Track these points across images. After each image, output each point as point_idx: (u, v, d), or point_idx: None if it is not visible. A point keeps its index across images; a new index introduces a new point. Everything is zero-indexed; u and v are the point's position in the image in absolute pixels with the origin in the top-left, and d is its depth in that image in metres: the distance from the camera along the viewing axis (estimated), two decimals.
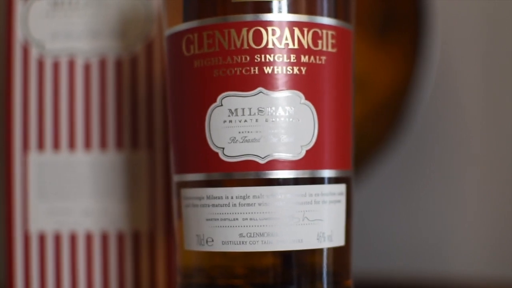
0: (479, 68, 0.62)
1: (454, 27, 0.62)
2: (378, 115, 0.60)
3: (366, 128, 0.59)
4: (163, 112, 0.42)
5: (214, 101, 0.34)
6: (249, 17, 0.34)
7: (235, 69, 0.34)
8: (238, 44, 0.34)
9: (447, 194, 0.62)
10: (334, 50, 0.35)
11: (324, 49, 0.35)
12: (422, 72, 0.57)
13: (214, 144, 0.34)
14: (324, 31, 0.35)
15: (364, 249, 0.60)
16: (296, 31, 0.34)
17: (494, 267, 0.60)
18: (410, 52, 0.59)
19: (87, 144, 0.42)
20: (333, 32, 0.35)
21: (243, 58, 0.34)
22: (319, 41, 0.35)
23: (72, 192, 0.42)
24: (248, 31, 0.34)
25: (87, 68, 0.42)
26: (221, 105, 0.34)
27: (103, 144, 0.42)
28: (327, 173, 0.35)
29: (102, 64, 0.42)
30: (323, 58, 0.35)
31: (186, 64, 0.35)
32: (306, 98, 0.34)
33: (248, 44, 0.34)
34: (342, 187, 0.35)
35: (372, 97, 0.60)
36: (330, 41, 0.35)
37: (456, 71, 0.62)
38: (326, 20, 0.35)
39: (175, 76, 0.36)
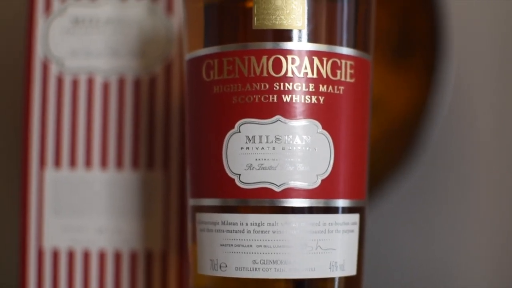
0: (494, 92, 0.62)
1: (469, 51, 0.62)
2: (391, 139, 0.60)
3: (379, 152, 0.59)
4: (180, 133, 0.42)
5: (232, 127, 0.35)
6: (269, 45, 0.34)
7: (254, 96, 0.34)
8: (258, 72, 0.34)
9: (461, 218, 0.62)
10: (352, 80, 0.35)
11: (343, 79, 0.35)
12: (436, 95, 0.58)
13: (231, 170, 0.34)
14: (343, 61, 0.35)
15: (376, 272, 0.60)
16: (316, 61, 0.35)
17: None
18: (424, 76, 0.60)
19: (104, 162, 0.42)
20: (352, 62, 0.35)
21: (262, 86, 0.34)
22: (338, 71, 0.35)
23: (86, 210, 0.42)
24: (268, 59, 0.34)
25: (105, 87, 0.43)
26: (239, 131, 0.34)
27: (119, 162, 0.42)
28: (341, 202, 0.35)
29: (121, 83, 0.43)
30: (341, 88, 0.35)
31: (205, 89, 0.35)
32: (323, 128, 0.34)
33: (268, 72, 0.34)
34: (355, 217, 0.36)
35: (385, 120, 0.60)
36: (348, 71, 0.35)
37: (471, 94, 0.62)
38: (345, 50, 0.35)
39: (194, 100, 0.36)
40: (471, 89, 0.63)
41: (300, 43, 0.34)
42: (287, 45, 0.34)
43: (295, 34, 0.35)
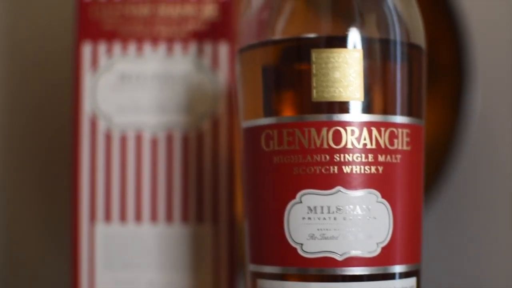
0: None
1: (494, 76, 0.63)
2: None
3: None
4: (228, 188, 0.43)
5: (293, 197, 0.35)
6: (329, 117, 0.35)
7: (315, 167, 0.35)
8: (318, 143, 0.35)
9: (488, 245, 0.63)
10: (408, 148, 0.36)
11: (400, 147, 0.36)
12: (462, 121, 0.58)
13: (293, 240, 0.35)
14: (400, 130, 0.36)
15: None
16: (374, 131, 0.35)
17: None
18: (450, 102, 0.60)
19: (154, 217, 0.43)
20: (408, 130, 0.36)
21: (323, 157, 0.35)
22: (395, 140, 0.36)
23: (137, 264, 0.43)
24: (328, 131, 0.35)
25: (154, 143, 0.43)
26: (300, 202, 0.35)
27: (169, 217, 0.43)
28: (399, 268, 0.36)
29: (169, 139, 0.43)
30: (398, 156, 0.36)
31: (265, 159, 0.36)
32: (382, 197, 0.35)
33: (328, 144, 0.35)
34: (412, 281, 0.37)
35: None
36: (405, 139, 0.36)
37: (496, 119, 0.63)
38: (402, 119, 0.36)
39: (253, 169, 0.37)
40: (496, 114, 0.63)
41: (358, 115, 0.35)
42: (346, 117, 0.35)
43: (353, 106, 0.35)
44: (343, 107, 0.35)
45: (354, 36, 0.35)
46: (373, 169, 0.35)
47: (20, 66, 0.62)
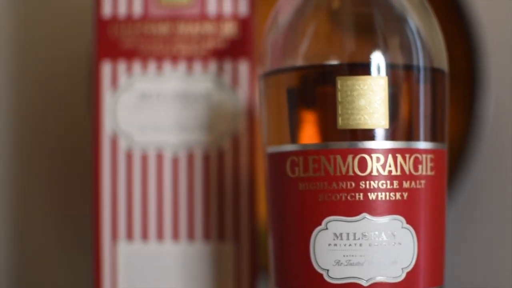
0: None
1: (507, 84, 0.63)
2: None
3: None
4: (249, 205, 0.43)
5: (319, 224, 0.36)
6: (355, 144, 0.35)
7: (341, 194, 0.35)
8: (344, 171, 0.35)
9: (501, 255, 0.63)
10: (432, 173, 0.36)
11: (424, 173, 0.36)
12: (475, 129, 0.59)
13: (319, 266, 0.36)
14: (424, 156, 0.36)
15: None
16: (399, 158, 0.36)
17: None
18: (463, 110, 0.61)
19: (175, 235, 0.43)
20: (432, 156, 0.36)
21: (348, 184, 0.35)
22: (419, 166, 0.36)
23: (159, 282, 0.43)
24: (353, 158, 0.35)
25: (175, 162, 0.44)
26: (326, 228, 0.36)
27: (191, 235, 0.43)
28: None
29: (190, 158, 0.44)
30: (423, 182, 0.36)
31: (290, 185, 0.36)
32: (407, 222, 0.36)
33: (353, 171, 0.35)
34: None
35: None
36: (429, 164, 0.36)
37: (509, 131, 0.63)
38: (426, 145, 0.36)
39: (279, 194, 0.37)
40: (509, 121, 0.64)
41: (383, 142, 0.35)
42: (372, 144, 0.35)
43: (379, 133, 0.36)
44: (369, 134, 0.36)
45: (379, 63, 0.36)
46: (398, 195, 0.36)
47: (37, 82, 0.62)
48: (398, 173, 0.36)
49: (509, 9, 0.63)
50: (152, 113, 0.44)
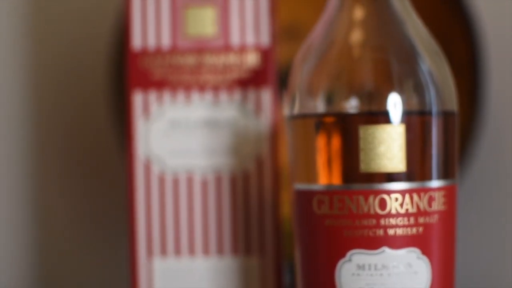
0: None
1: (509, 77, 0.65)
2: None
3: None
4: (273, 222, 0.47)
5: (343, 256, 0.40)
6: (375, 186, 0.39)
7: (363, 230, 0.39)
8: (366, 210, 0.39)
9: (503, 246, 0.66)
10: (444, 208, 0.40)
11: (437, 208, 0.40)
12: (476, 121, 0.61)
13: None
14: (437, 193, 0.40)
15: None
16: (415, 197, 0.40)
17: None
18: (464, 101, 0.63)
19: (206, 251, 0.47)
20: (444, 192, 0.40)
21: (370, 222, 0.39)
22: (433, 202, 0.40)
23: None
24: (374, 198, 0.39)
25: (204, 184, 0.47)
26: (350, 260, 0.40)
27: (220, 250, 0.47)
28: None
29: (218, 180, 0.47)
30: (436, 216, 0.40)
31: (317, 221, 0.40)
32: (423, 253, 0.40)
33: (374, 210, 0.39)
34: None
35: None
36: (441, 200, 0.40)
37: (511, 118, 0.65)
38: (438, 183, 0.40)
39: (306, 228, 0.41)
40: (511, 111, 0.66)
41: (401, 183, 0.39)
42: (391, 186, 0.39)
43: (397, 176, 0.39)
44: (388, 177, 0.39)
45: (397, 112, 0.39)
46: (414, 230, 0.40)
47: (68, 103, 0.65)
48: (414, 210, 0.40)
49: (509, 4, 0.64)
50: (182, 139, 0.47)
